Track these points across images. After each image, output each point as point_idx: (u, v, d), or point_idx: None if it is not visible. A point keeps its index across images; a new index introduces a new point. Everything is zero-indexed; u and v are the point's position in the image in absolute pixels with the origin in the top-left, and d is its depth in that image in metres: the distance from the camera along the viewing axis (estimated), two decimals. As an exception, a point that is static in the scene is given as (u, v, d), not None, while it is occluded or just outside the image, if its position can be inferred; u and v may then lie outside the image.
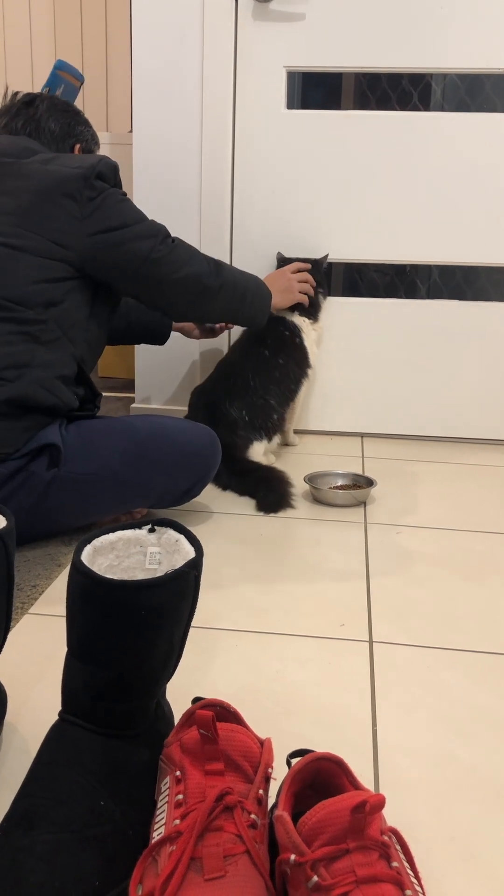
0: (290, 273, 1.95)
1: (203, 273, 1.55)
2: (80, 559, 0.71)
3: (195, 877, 0.60)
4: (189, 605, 0.73)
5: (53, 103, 1.66)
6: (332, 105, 2.51)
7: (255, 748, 0.69)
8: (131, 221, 1.47)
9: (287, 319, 1.96)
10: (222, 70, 2.01)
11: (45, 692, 0.95)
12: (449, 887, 0.68)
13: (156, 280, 1.50)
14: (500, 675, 1.02)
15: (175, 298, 1.55)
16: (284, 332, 1.94)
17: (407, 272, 2.57)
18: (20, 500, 1.31)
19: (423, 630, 1.13)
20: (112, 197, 1.46)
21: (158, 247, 1.49)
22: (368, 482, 1.73)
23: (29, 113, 1.63)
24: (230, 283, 1.61)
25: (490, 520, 1.60)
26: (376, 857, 0.59)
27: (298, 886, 0.59)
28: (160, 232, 1.51)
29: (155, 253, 1.48)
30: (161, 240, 1.50)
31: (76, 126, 1.68)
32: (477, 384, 2.19)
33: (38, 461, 1.32)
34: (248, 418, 1.83)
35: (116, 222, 1.45)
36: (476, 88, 2.27)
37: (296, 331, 1.96)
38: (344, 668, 1.03)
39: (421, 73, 2.05)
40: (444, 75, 2.39)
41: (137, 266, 1.47)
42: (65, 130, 1.65)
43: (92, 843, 0.63)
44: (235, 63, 2.04)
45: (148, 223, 1.50)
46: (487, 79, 2.19)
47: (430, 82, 2.45)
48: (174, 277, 1.51)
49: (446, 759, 0.85)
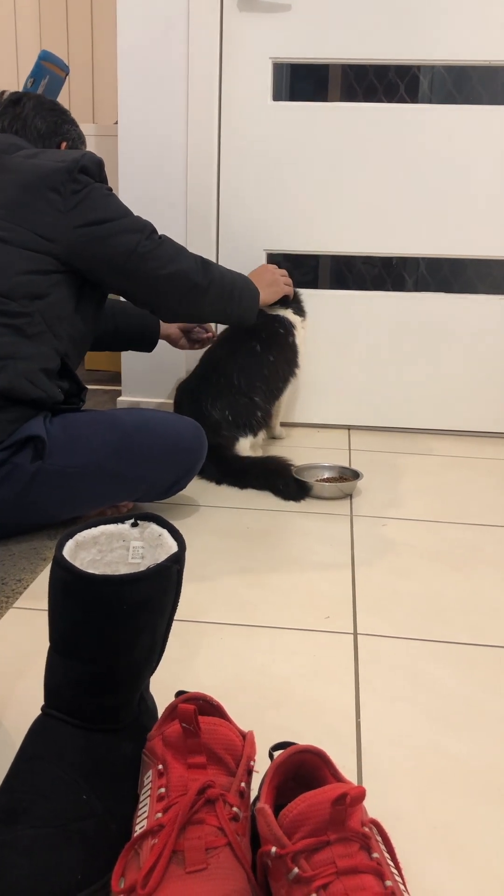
0: (273, 268, 1.93)
1: (190, 270, 1.54)
2: (61, 554, 0.71)
3: (177, 869, 0.61)
4: (172, 600, 0.74)
5: (40, 102, 1.65)
6: (319, 97, 2.50)
7: (238, 741, 0.69)
8: (116, 216, 1.46)
9: (281, 316, 1.95)
10: (208, 61, 2.00)
11: (30, 686, 0.95)
12: (430, 878, 0.68)
13: (142, 275, 1.49)
14: (484, 666, 1.03)
15: (163, 295, 1.54)
16: (279, 330, 1.93)
17: (394, 265, 2.57)
18: (4, 492, 1.30)
19: (408, 622, 1.14)
20: (97, 191, 1.45)
21: (144, 242, 1.48)
22: (355, 474, 1.73)
23: (15, 111, 1.62)
24: (218, 280, 1.60)
25: (476, 511, 1.61)
26: (357, 849, 0.59)
27: (279, 878, 0.59)
28: (146, 227, 1.50)
29: (141, 248, 1.47)
30: (147, 235, 1.49)
31: (63, 125, 1.67)
32: (463, 376, 2.19)
33: (23, 453, 1.31)
34: (232, 418, 1.82)
35: (101, 216, 1.44)
36: (463, 81, 2.27)
37: (290, 329, 1.95)
38: (328, 660, 1.03)
39: (408, 65, 2.05)
40: (431, 67, 2.39)
41: (123, 261, 1.46)
42: (51, 129, 1.65)
43: (74, 837, 0.63)
44: (221, 54, 2.03)
45: (134, 218, 1.49)
46: (474, 71, 2.19)
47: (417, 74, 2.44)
48: (161, 273, 1.50)
49: (429, 750, 0.86)
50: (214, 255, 2.15)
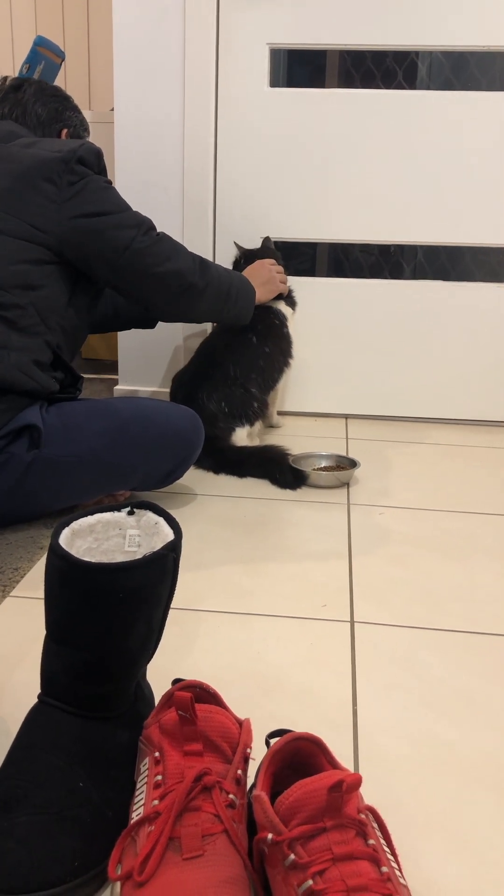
0: (269, 265, 1.91)
1: (187, 270, 1.51)
2: (57, 542, 0.71)
3: (174, 856, 0.61)
4: (168, 588, 0.73)
5: (41, 88, 1.63)
6: (316, 83, 2.49)
7: (234, 729, 0.69)
8: (113, 209, 1.44)
9: (275, 308, 1.94)
10: (204, 47, 1.98)
11: (27, 675, 0.95)
12: (426, 864, 0.69)
13: (136, 272, 1.47)
14: (480, 654, 1.03)
15: (156, 294, 1.51)
16: (274, 321, 1.93)
17: (391, 252, 2.56)
18: (0, 481, 1.30)
19: (405, 610, 1.14)
20: (94, 183, 1.43)
21: (141, 237, 1.46)
22: (352, 463, 1.73)
23: (16, 97, 1.60)
24: (215, 281, 1.58)
25: (473, 500, 1.61)
26: (353, 835, 0.59)
27: (276, 865, 0.60)
28: (144, 223, 1.48)
29: (136, 243, 1.45)
30: (144, 231, 1.47)
31: (64, 111, 1.65)
32: (461, 365, 2.19)
33: (18, 442, 1.31)
34: (228, 409, 1.82)
35: (97, 209, 1.42)
36: (461, 67, 2.25)
37: (284, 320, 1.95)
38: (325, 648, 1.03)
39: (406, 50, 2.03)
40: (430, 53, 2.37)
41: (117, 256, 1.44)
42: (52, 115, 1.62)
43: (71, 825, 0.63)
44: (218, 40, 2.01)
45: (132, 213, 1.47)
46: (472, 56, 2.17)
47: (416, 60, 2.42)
48: (156, 271, 1.47)
49: (426, 738, 0.86)
50: (211, 243, 2.14)
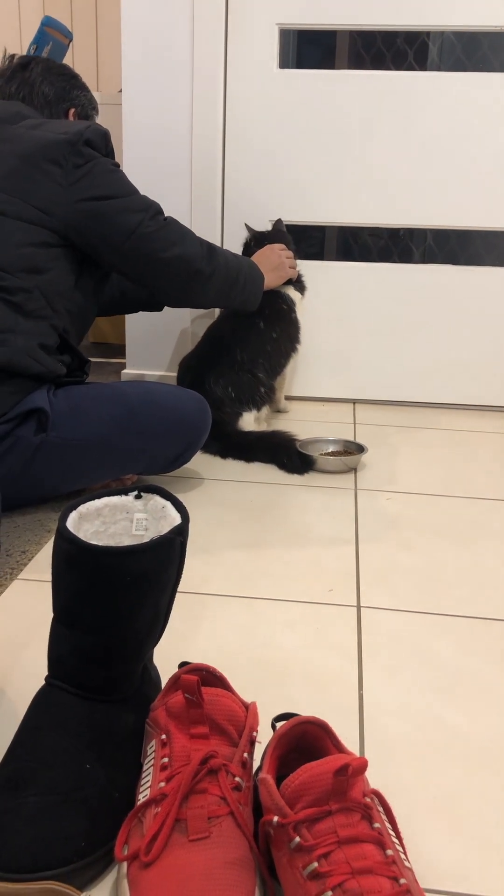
0: (279, 249, 1.88)
1: (195, 256, 1.49)
2: (65, 525, 0.71)
3: (180, 837, 0.61)
4: (175, 571, 0.73)
5: (49, 66, 1.61)
6: (326, 65, 2.46)
7: (240, 712, 0.69)
8: (121, 193, 1.43)
9: (284, 293, 1.93)
10: (213, 28, 1.96)
11: (34, 657, 0.95)
12: (431, 847, 0.69)
13: (143, 257, 1.45)
14: (486, 639, 1.03)
15: (163, 279, 1.50)
16: (283, 306, 1.92)
17: (401, 236, 2.55)
18: (8, 465, 1.30)
19: (411, 595, 1.14)
20: (101, 165, 1.42)
21: (148, 222, 1.44)
22: (359, 448, 1.73)
23: (23, 76, 1.58)
24: (223, 267, 1.56)
25: (480, 486, 1.60)
26: (358, 819, 0.59)
27: (281, 847, 0.60)
28: (151, 207, 1.46)
29: (143, 228, 1.43)
30: (151, 215, 1.45)
31: (72, 90, 1.62)
32: (470, 350, 2.18)
33: (26, 426, 1.31)
34: (235, 394, 1.82)
35: (104, 192, 1.41)
36: (473, 47, 2.23)
37: (292, 305, 1.94)
38: (331, 632, 1.03)
39: (417, 31, 2.01)
40: (441, 34, 2.34)
41: (123, 239, 1.42)
42: (59, 94, 1.60)
43: (78, 806, 0.64)
44: (227, 20, 1.99)
45: (139, 197, 1.46)
46: (485, 37, 2.15)
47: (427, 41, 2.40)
48: (162, 256, 1.46)
49: (431, 722, 0.86)
50: (219, 226, 2.13)
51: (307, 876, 0.57)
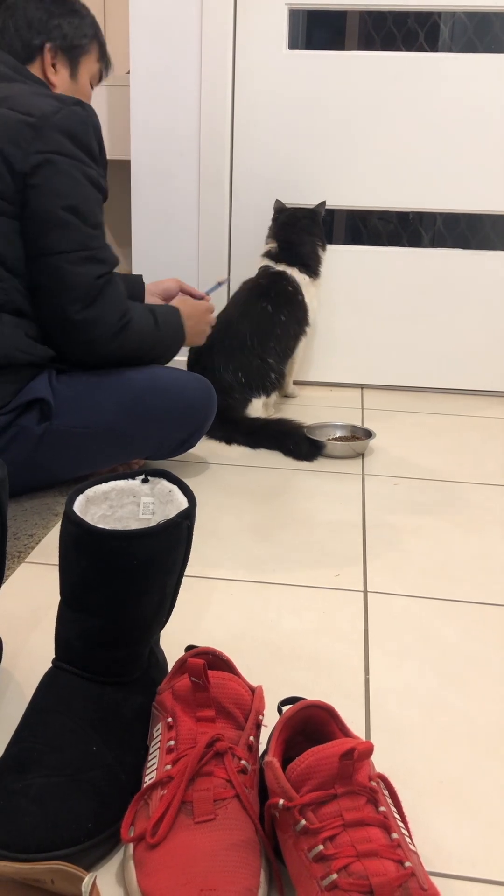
0: (207, 313, 1.61)
1: (103, 336, 1.31)
2: (72, 509, 0.71)
3: (186, 819, 0.61)
4: (182, 555, 0.73)
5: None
6: (335, 46, 2.44)
7: (247, 695, 0.69)
8: (72, 205, 1.25)
9: (288, 275, 1.92)
10: (222, 8, 1.94)
11: (41, 640, 0.96)
12: (436, 831, 0.69)
13: (46, 291, 1.28)
14: (493, 625, 1.03)
15: (54, 326, 1.32)
16: (288, 288, 1.91)
17: (410, 220, 2.53)
18: (13, 453, 1.30)
19: (418, 580, 1.14)
20: (63, 163, 1.25)
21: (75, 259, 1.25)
22: (367, 434, 1.72)
23: (3, 13, 1.37)
24: (127, 347, 1.36)
25: (488, 472, 1.60)
26: (364, 802, 0.59)
27: (287, 830, 0.60)
28: (91, 248, 1.27)
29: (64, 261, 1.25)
30: (84, 258, 1.27)
31: (50, 20, 1.37)
32: (479, 335, 2.16)
33: (28, 415, 1.30)
34: (245, 380, 1.81)
35: (54, 190, 1.24)
36: (484, 28, 2.20)
37: (298, 287, 1.93)
38: (338, 617, 1.03)
39: (428, 10, 1.99)
40: (452, 14, 2.31)
41: (36, 253, 1.26)
42: (35, 28, 1.36)
43: (85, 787, 0.64)
44: (235, 0, 1.97)
45: (90, 233, 1.27)
46: (496, 18, 2.12)
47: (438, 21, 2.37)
48: (65, 307, 1.28)
49: (437, 706, 0.86)
50: (227, 208, 2.11)
51: (312, 858, 0.57)
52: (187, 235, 2.15)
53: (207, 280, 2.16)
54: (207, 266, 2.16)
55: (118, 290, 1.33)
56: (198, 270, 2.17)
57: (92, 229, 1.29)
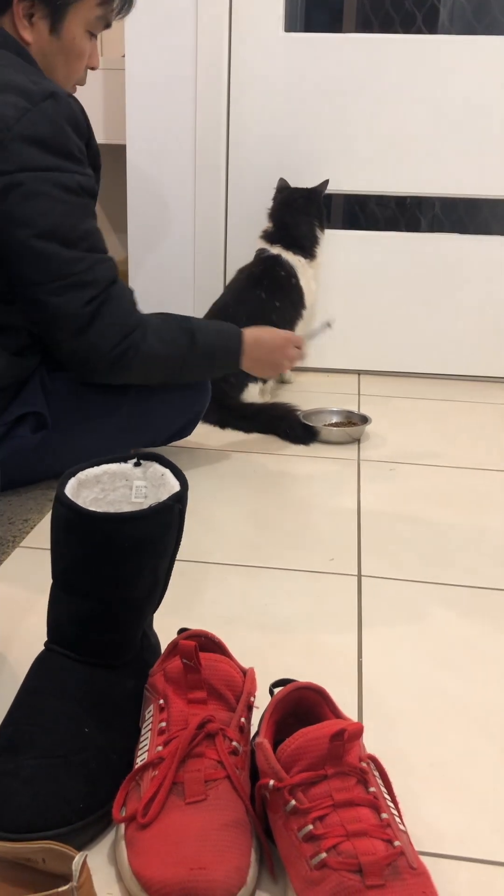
0: (286, 345, 1.49)
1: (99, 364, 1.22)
2: (63, 492, 0.71)
3: (177, 800, 0.62)
4: (174, 538, 0.73)
5: None
6: (333, 28, 2.42)
7: (238, 677, 0.69)
8: (46, 229, 1.12)
9: (282, 258, 1.91)
10: (218, -11, 1.93)
11: (35, 623, 0.96)
12: (426, 812, 0.69)
13: (38, 320, 1.21)
14: (487, 610, 1.03)
15: (59, 353, 1.26)
16: (280, 273, 1.90)
17: (408, 205, 2.52)
18: (11, 461, 1.27)
19: (412, 565, 1.14)
20: (30, 185, 1.09)
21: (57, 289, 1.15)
22: (363, 419, 1.72)
23: None
24: (143, 369, 1.28)
25: (484, 457, 1.60)
26: (354, 783, 0.60)
27: (277, 810, 0.60)
28: (76, 273, 1.15)
29: (43, 291, 1.14)
30: (71, 284, 1.15)
31: None
32: (477, 321, 2.16)
33: (23, 426, 1.29)
34: None
35: (25, 219, 1.12)
36: (483, 10, 2.18)
37: (292, 271, 1.92)
38: (332, 601, 1.04)
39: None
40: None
41: (21, 287, 1.17)
42: None
43: (76, 768, 0.64)
44: (232, -19, 1.95)
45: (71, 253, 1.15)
46: (496, 0, 2.10)
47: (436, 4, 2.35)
48: (56, 335, 1.21)
49: (430, 690, 0.86)
50: (224, 194, 2.10)
51: (302, 838, 0.58)
52: (183, 220, 2.14)
53: (203, 268, 2.15)
54: (203, 252, 2.15)
55: (117, 310, 1.21)
56: (193, 256, 2.16)
57: (75, 250, 1.16)
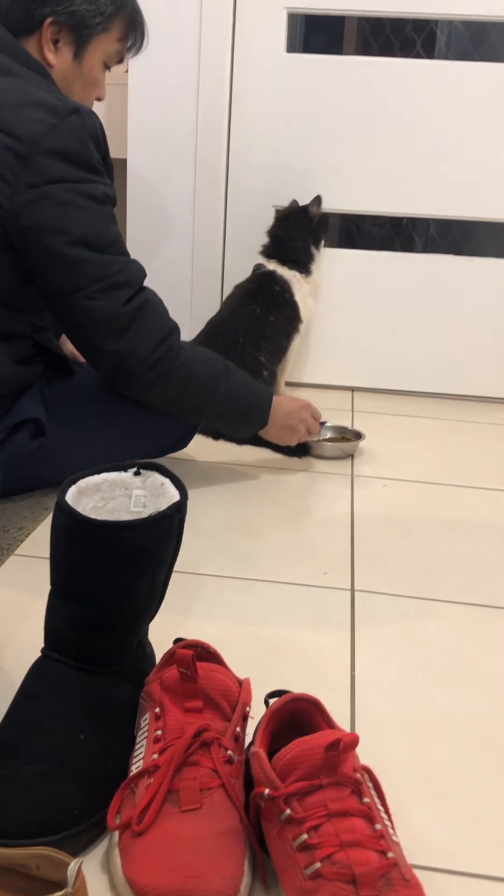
0: (304, 412, 1.52)
1: (139, 366, 1.22)
2: (64, 499, 0.71)
3: (171, 808, 0.62)
4: (172, 548, 0.74)
5: None
6: (333, 51, 2.45)
7: (234, 687, 0.70)
8: (78, 236, 1.14)
9: (277, 274, 1.93)
10: (221, 9, 1.95)
11: (30, 631, 0.96)
12: (419, 823, 0.70)
13: (73, 328, 1.22)
14: (477, 624, 1.04)
15: (89, 360, 1.27)
16: (274, 288, 1.92)
17: (404, 225, 2.54)
18: (10, 468, 1.28)
19: (405, 580, 1.15)
20: (64, 193, 1.12)
21: (95, 293, 1.16)
22: (357, 435, 1.73)
23: None
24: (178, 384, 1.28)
25: (477, 476, 1.61)
26: (348, 793, 0.60)
27: (272, 819, 0.61)
28: (109, 277, 1.17)
29: (82, 298, 1.16)
30: (105, 287, 1.17)
31: None
32: (470, 341, 2.18)
33: (21, 433, 1.29)
34: None
35: (59, 227, 1.13)
36: (481, 37, 2.22)
37: (286, 286, 1.93)
38: (325, 614, 1.04)
39: (426, 18, 2.00)
40: (449, 23, 2.33)
41: (57, 293, 1.18)
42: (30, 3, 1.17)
43: (72, 774, 0.64)
44: (235, 2, 1.97)
45: (102, 258, 1.17)
46: (493, 27, 2.14)
47: (435, 29, 2.39)
48: (93, 342, 1.22)
49: (422, 703, 0.87)
50: (222, 209, 2.12)
51: (297, 847, 0.58)
52: (182, 235, 2.16)
53: (201, 283, 2.17)
54: (202, 267, 2.17)
55: (154, 312, 1.23)
56: (191, 273, 2.18)
57: (106, 254, 1.18)
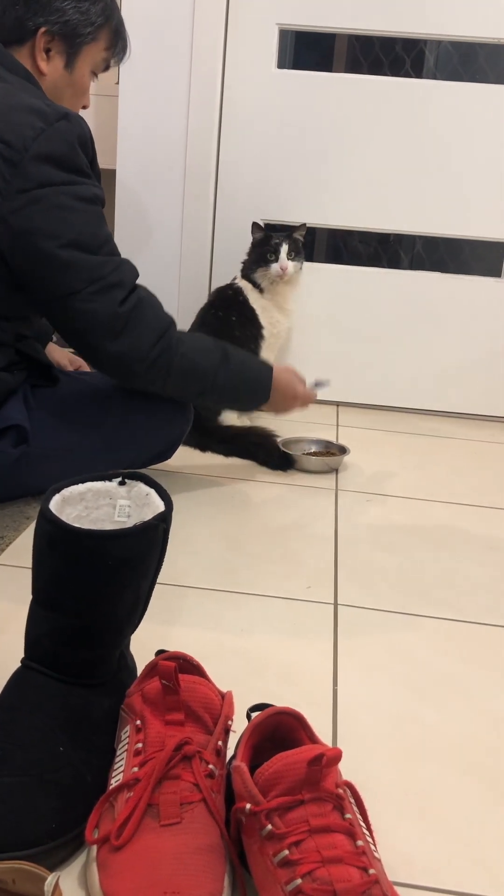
0: (300, 383, 1.52)
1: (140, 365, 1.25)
2: (48, 507, 0.71)
3: (151, 822, 0.61)
4: (156, 558, 0.74)
5: None
6: (323, 68, 2.47)
7: (216, 700, 0.69)
8: (71, 239, 1.16)
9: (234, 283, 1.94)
10: (213, 24, 1.97)
11: (10, 641, 0.95)
12: (400, 840, 0.69)
13: (71, 331, 1.24)
14: (460, 640, 1.04)
15: (88, 358, 1.30)
16: (228, 292, 1.93)
17: (390, 242, 2.56)
18: None
19: (388, 595, 1.15)
20: (55, 196, 1.14)
21: (91, 294, 1.18)
22: (341, 450, 1.74)
23: None
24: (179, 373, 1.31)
25: (460, 492, 1.61)
26: (330, 809, 0.60)
27: (253, 834, 0.60)
28: (104, 277, 1.19)
29: (78, 300, 1.17)
30: (100, 288, 1.18)
31: (54, 0, 1.22)
32: (455, 358, 2.19)
33: (4, 440, 1.28)
34: None
35: (50, 230, 1.15)
36: (470, 58, 2.25)
37: (240, 291, 1.92)
38: (308, 628, 1.04)
39: (415, 38, 2.02)
40: (438, 43, 2.36)
41: (50, 298, 1.20)
42: (34, 5, 1.21)
43: (50, 787, 0.63)
44: (227, 17, 1.99)
45: (95, 259, 1.19)
46: (482, 48, 2.17)
47: (424, 49, 2.42)
48: (91, 341, 1.24)
49: (405, 718, 0.86)
50: (211, 223, 2.13)
51: (277, 863, 0.57)
52: (169, 246, 2.16)
53: (187, 295, 2.17)
54: (188, 280, 2.17)
55: (149, 309, 1.26)
56: (178, 283, 2.18)
57: (98, 255, 1.20)
